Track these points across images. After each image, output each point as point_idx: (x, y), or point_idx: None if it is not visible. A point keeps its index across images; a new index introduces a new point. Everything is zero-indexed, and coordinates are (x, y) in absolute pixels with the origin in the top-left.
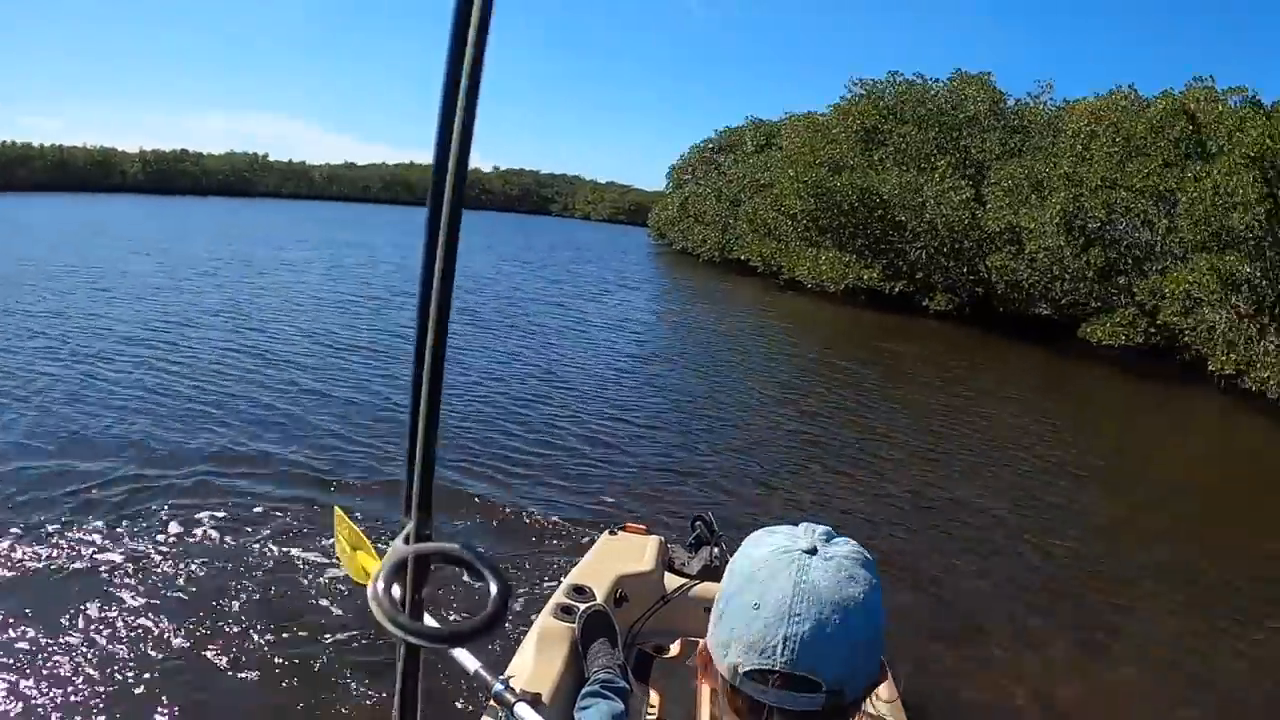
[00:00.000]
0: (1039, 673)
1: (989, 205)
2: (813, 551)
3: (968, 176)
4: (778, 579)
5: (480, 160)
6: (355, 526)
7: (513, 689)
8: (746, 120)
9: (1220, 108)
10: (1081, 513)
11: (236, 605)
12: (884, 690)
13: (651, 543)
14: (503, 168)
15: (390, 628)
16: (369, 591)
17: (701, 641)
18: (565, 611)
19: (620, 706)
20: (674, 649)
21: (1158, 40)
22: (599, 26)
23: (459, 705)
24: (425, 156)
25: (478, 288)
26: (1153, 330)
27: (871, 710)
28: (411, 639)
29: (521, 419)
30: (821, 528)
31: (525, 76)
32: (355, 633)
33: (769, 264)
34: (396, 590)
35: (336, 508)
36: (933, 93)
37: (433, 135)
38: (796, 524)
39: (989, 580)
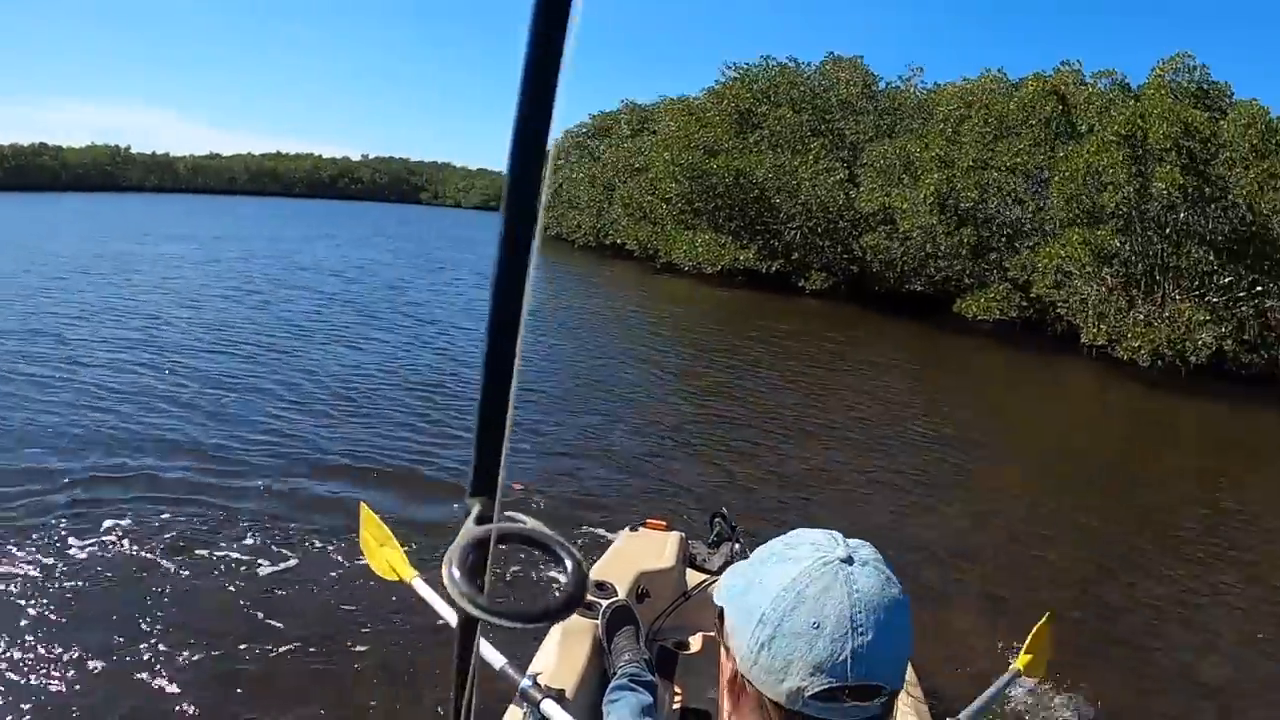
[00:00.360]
0: (945, 634)
1: (862, 186)
2: (849, 560)
3: (841, 158)
4: (831, 594)
5: (348, 148)
6: (383, 524)
7: (539, 685)
8: (621, 104)
9: (1089, 90)
10: (972, 477)
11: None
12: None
13: (672, 539)
14: (371, 156)
15: (467, 606)
16: (444, 573)
17: (728, 670)
18: (588, 607)
19: (649, 699)
20: (695, 645)
21: (1027, 25)
22: (468, 8)
23: (482, 702)
24: (292, 145)
25: (360, 277)
26: (1025, 304)
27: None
28: (492, 618)
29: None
30: (835, 533)
31: (394, 59)
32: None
33: (645, 248)
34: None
35: (363, 504)
36: (805, 76)
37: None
38: (795, 528)
39: (897, 548)
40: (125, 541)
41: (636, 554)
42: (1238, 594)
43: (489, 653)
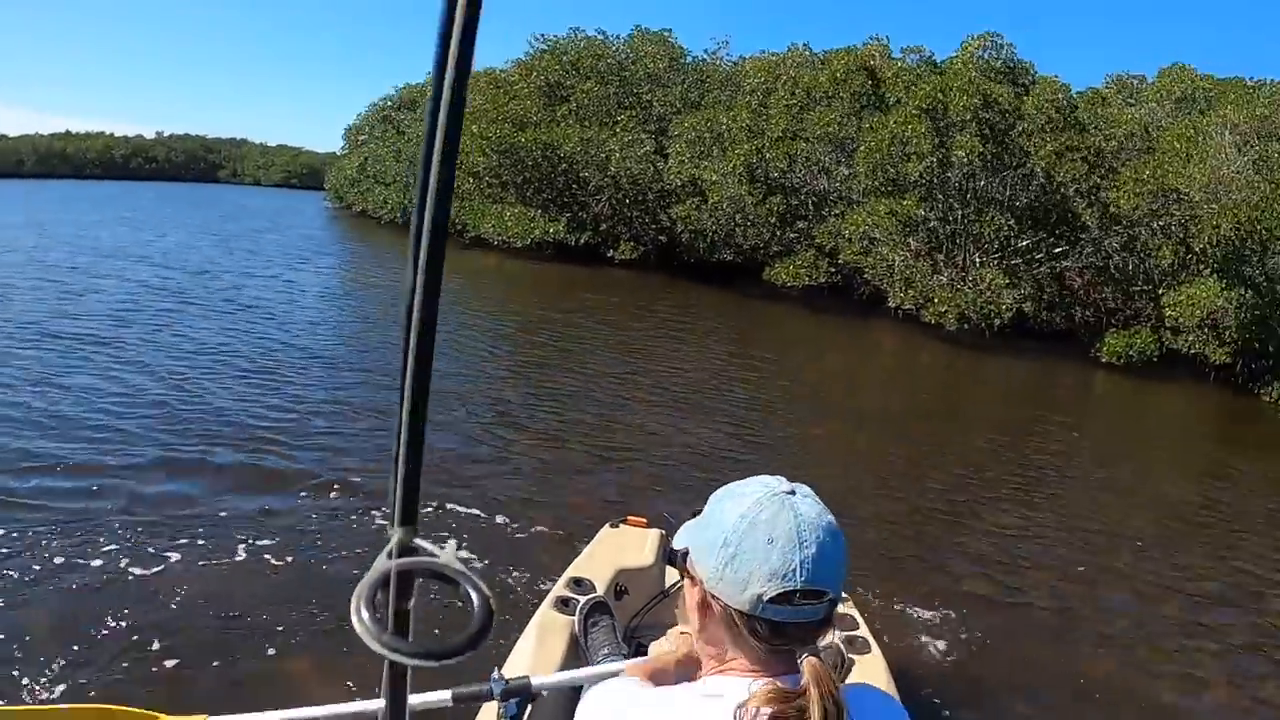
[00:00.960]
0: None
1: (671, 158)
2: (792, 492)
3: (649, 131)
4: (780, 517)
5: (142, 126)
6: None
7: (508, 679)
8: (427, 77)
9: (898, 65)
10: (795, 436)
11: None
12: (863, 639)
13: (652, 536)
14: (167, 133)
15: (373, 644)
16: (351, 609)
17: (695, 594)
18: (564, 604)
19: None
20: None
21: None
22: None
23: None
24: (81, 124)
25: (170, 261)
26: (833, 270)
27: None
28: (391, 655)
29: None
30: (779, 475)
31: (187, 30)
32: None
33: (454, 222)
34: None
35: None
36: (613, 49)
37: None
38: (744, 477)
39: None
40: None
41: (616, 551)
42: (1051, 529)
43: (428, 697)
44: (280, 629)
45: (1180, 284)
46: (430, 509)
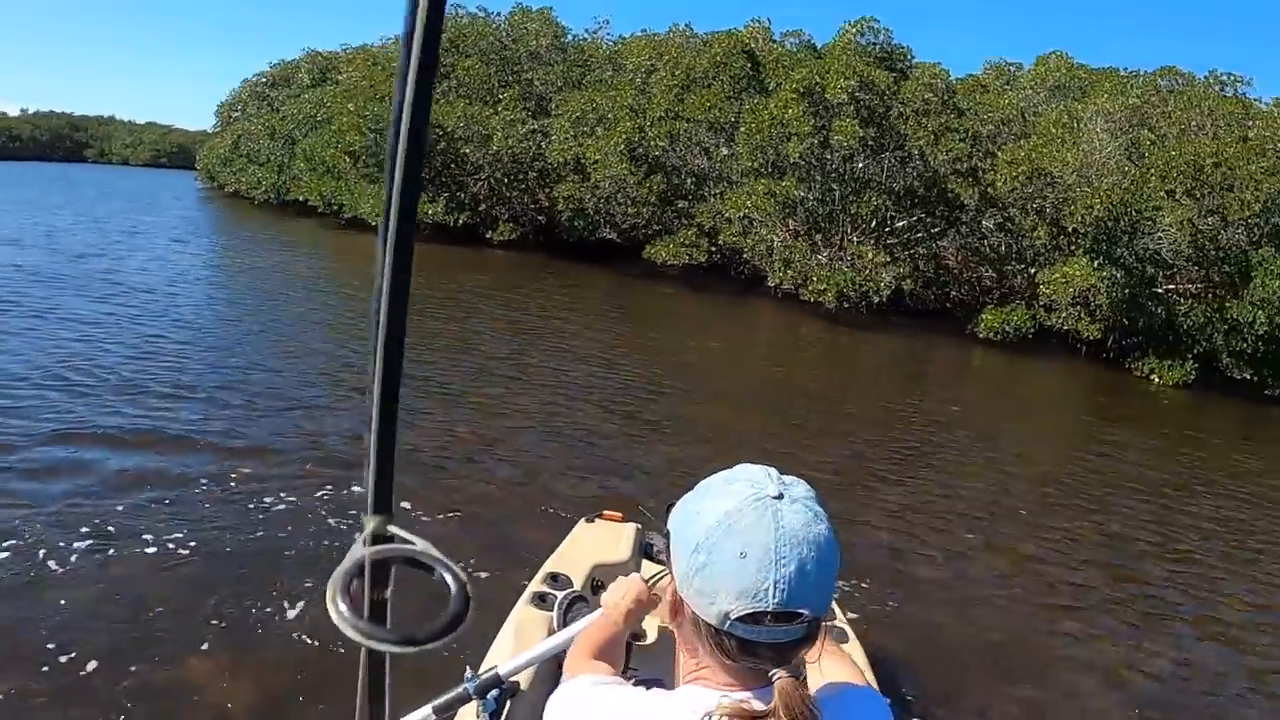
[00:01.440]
0: None
1: (553, 137)
2: (780, 497)
3: (529, 109)
4: (759, 527)
5: (3, 103)
6: None
7: (480, 675)
8: (302, 53)
9: (778, 49)
10: (683, 416)
11: None
12: (840, 628)
13: (628, 530)
14: (31, 110)
15: (350, 632)
16: (329, 601)
17: (670, 589)
18: (541, 600)
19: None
20: (651, 635)
21: None
22: None
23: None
24: None
25: (44, 244)
26: (713, 249)
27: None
28: (369, 642)
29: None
30: (772, 470)
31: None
32: None
33: (329, 203)
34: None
35: None
36: (495, 27)
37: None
38: (734, 466)
39: (621, 479)
40: None
41: (591, 545)
42: (936, 500)
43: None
44: (192, 624)
45: (1054, 263)
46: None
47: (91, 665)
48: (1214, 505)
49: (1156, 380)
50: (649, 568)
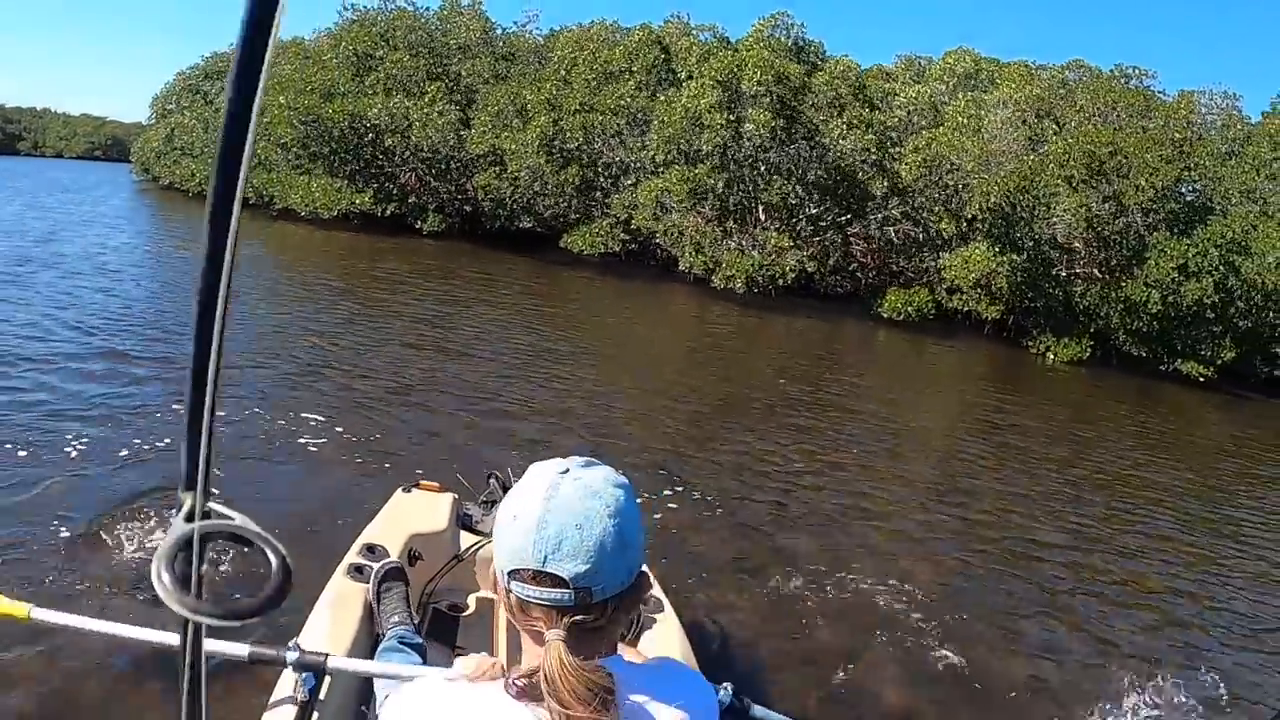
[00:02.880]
0: None
1: (474, 128)
2: (565, 473)
3: (456, 102)
4: (534, 495)
5: None
6: None
7: (307, 651)
8: (229, 45)
9: (691, 41)
10: (596, 397)
11: None
12: (656, 599)
13: (445, 500)
14: None
15: (177, 608)
16: (155, 577)
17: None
18: (358, 571)
19: (417, 659)
20: (470, 606)
21: None
22: None
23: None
24: None
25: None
26: (628, 237)
27: (648, 618)
28: (198, 617)
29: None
30: (584, 458)
31: None
32: None
33: (261, 194)
34: (174, 571)
35: None
36: (425, 20)
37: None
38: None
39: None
40: None
41: (408, 516)
42: (844, 472)
43: (229, 647)
44: None
45: (957, 248)
46: (219, 475)
47: None
48: (1097, 464)
49: (1052, 357)
50: (466, 538)
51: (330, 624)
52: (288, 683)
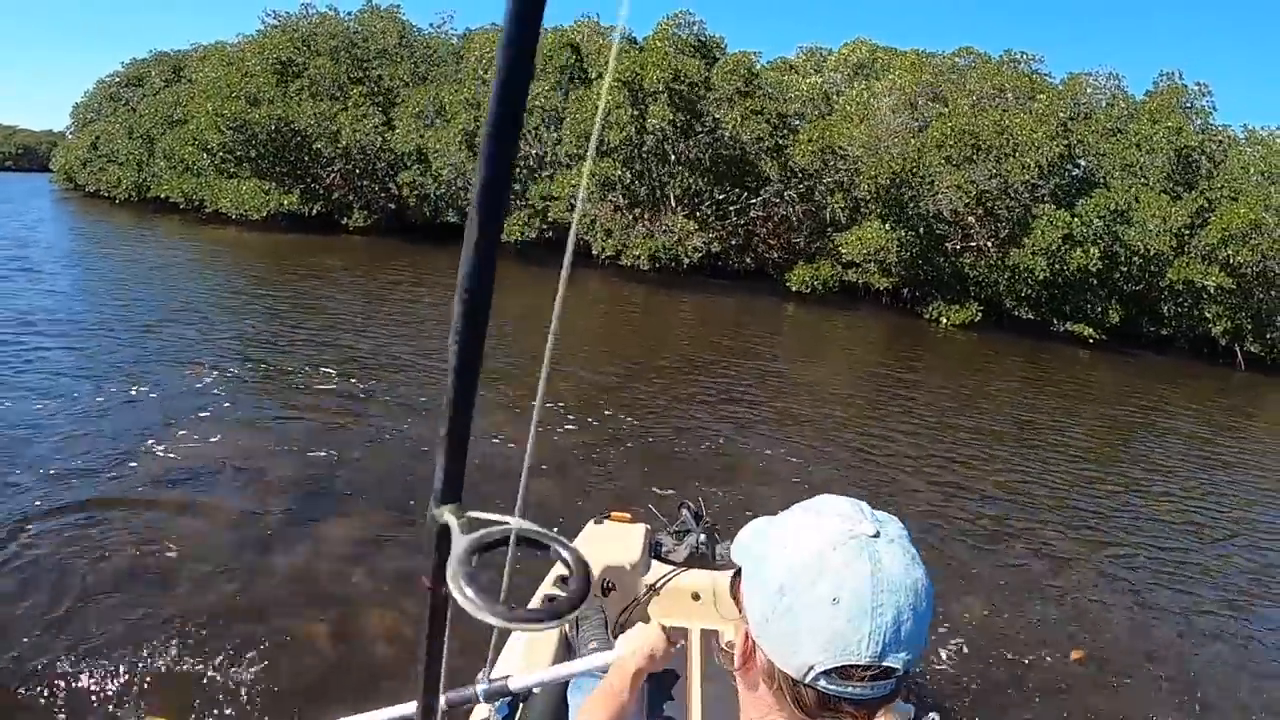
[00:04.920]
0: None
1: (398, 129)
2: (876, 535)
3: (378, 104)
4: (854, 569)
5: None
6: None
7: (494, 679)
8: (151, 53)
9: (601, 41)
10: (518, 374)
11: None
12: None
13: (637, 531)
14: None
15: (487, 617)
16: (457, 593)
17: (742, 632)
18: (551, 602)
19: None
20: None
21: None
22: None
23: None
24: None
25: None
26: (545, 226)
27: None
28: (512, 625)
29: None
30: (863, 504)
31: None
32: None
33: (190, 199)
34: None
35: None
36: (344, 25)
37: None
38: (812, 496)
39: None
40: None
41: (601, 547)
42: (754, 432)
43: (406, 709)
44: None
45: (851, 226)
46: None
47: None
48: (984, 411)
49: (944, 322)
50: (658, 568)
51: (525, 654)
52: (480, 716)
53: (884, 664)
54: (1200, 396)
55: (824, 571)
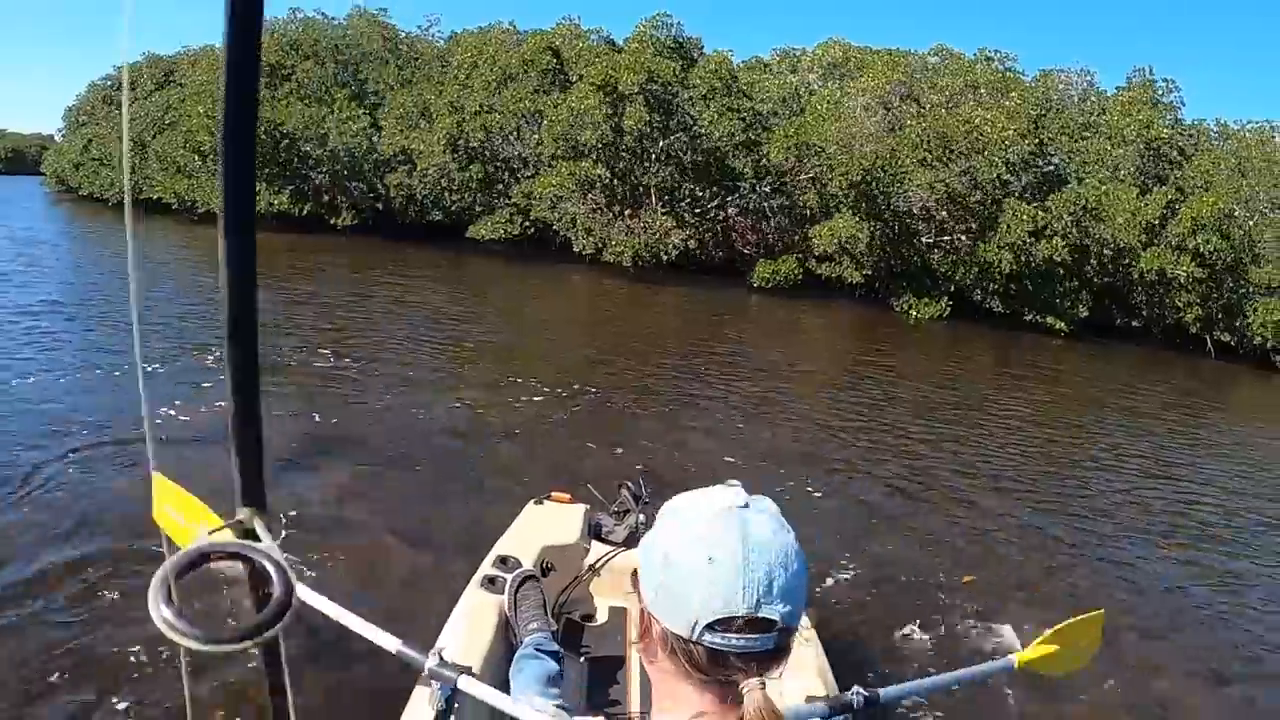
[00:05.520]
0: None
1: (385, 131)
2: (746, 506)
3: (365, 106)
4: (726, 533)
5: None
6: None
7: (446, 662)
8: (143, 56)
9: (581, 44)
10: (511, 358)
11: None
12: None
13: (577, 511)
14: None
15: (164, 629)
16: (150, 608)
17: (639, 609)
18: (491, 583)
19: (555, 667)
20: (602, 616)
21: None
22: None
23: (373, 685)
24: None
25: None
26: (528, 224)
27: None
28: (187, 642)
29: None
30: (738, 486)
31: None
32: None
33: (184, 200)
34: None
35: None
36: (331, 30)
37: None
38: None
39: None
40: None
41: (541, 527)
42: (736, 394)
43: (381, 636)
44: None
45: (823, 220)
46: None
47: None
48: (953, 398)
49: (914, 314)
50: (598, 548)
51: (466, 633)
52: (424, 691)
53: (760, 615)
54: (1155, 379)
55: (701, 538)
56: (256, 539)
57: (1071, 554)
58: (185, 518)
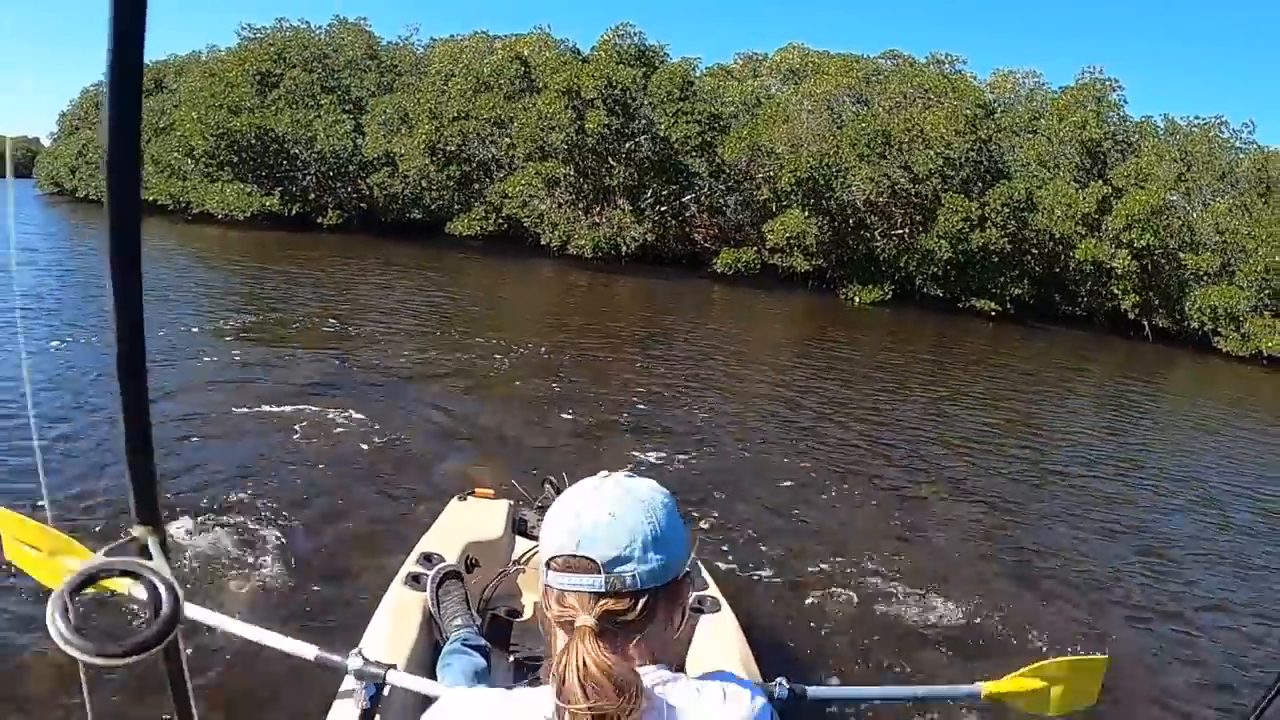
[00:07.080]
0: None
1: (368, 136)
2: (607, 477)
3: (349, 111)
4: (576, 493)
5: None
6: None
7: (370, 661)
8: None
9: (549, 53)
10: (486, 351)
11: None
12: (713, 599)
13: (500, 507)
14: None
15: (64, 646)
16: (48, 608)
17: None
18: (415, 580)
19: (482, 662)
20: (528, 611)
21: None
22: None
23: (290, 694)
24: None
25: None
26: (501, 221)
27: (705, 617)
28: (84, 657)
29: None
30: (629, 472)
31: None
32: None
33: (178, 201)
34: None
35: (2, 510)
36: (316, 38)
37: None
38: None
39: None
40: None
41: (465, 523)
42: (708, 380)
43: (297, 646)
44: None
45: (774, 215)
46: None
47: None
48: (894, 376)
49: (858, 300)
50: (522, 543)
51: (390, 632)
52: (349, 689)
53: (579, 553)
54: (1086, 359)
55: (565, 500)
56: (149, 556)
57: (1000, 523)
58: (44, 550)
